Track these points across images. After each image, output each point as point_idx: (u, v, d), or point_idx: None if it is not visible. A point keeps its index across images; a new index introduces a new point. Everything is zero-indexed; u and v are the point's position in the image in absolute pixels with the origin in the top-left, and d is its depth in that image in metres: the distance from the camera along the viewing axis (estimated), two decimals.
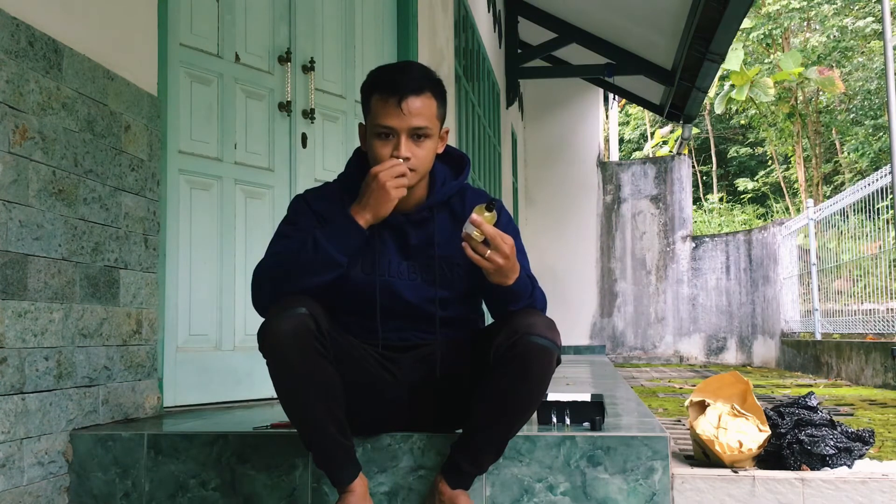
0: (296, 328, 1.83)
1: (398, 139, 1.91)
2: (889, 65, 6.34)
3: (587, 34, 9.38)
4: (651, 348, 11.41)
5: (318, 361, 1.87)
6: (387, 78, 1.94)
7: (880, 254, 7.14)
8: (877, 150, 18.60)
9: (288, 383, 1.88)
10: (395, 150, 1.91)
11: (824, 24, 20.12)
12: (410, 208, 2.02)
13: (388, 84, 1.92)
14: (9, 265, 2.08)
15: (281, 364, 1.86)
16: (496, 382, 1.91)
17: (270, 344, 1.85)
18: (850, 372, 6.83)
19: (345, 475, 1.95)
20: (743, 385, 2.47)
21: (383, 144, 1.92)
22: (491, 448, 2.01)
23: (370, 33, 4.06)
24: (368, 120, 1.97)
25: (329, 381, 1.89)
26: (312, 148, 3.63)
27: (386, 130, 1.92)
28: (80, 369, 2.37)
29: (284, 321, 1.83)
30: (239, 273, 3.29)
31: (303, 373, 1.86)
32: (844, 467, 2.25)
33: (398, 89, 1.90)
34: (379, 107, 1.92)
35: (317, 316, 1.86)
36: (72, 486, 2.31)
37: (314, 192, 2.10)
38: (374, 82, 1.97)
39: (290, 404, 1.92)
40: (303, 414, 1.91)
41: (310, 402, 1.89)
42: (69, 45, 2.34)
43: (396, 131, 1.91)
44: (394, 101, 1.90)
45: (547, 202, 11.57)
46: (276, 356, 1.86)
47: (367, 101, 1.97)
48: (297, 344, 1.83)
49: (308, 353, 1.85)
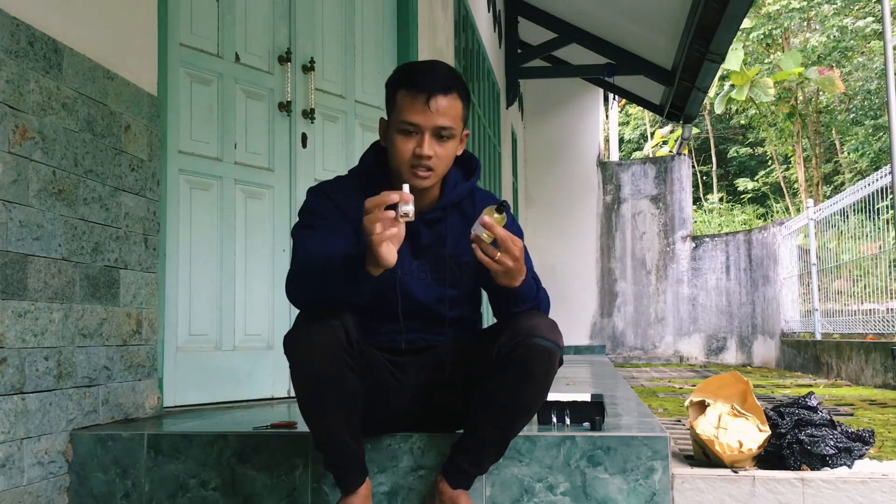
0: (329, 341, 1.81)
1: (422, 137, 1.90)
2: (889, 65, 6.34)
3: (587, 34, 9.38)
4: (651, 348, 11.41)
5: (346, 373, 1.86)
6: (416, 75, 1.93)
7: (880, 254, 7.14)
8: (877, 150, 18.60)
9: (311, 390, 1.87)
10: (418, 148, 1.90)
11: (824, 24, 20.12)
12: (424, 208, 2.00)
13: (417, 81, 1.91)
14: (9, 265, 2.08)
15: (308, 373, 1.85)
16: (498, 383, 1.91)
17: (301, 352, 1.84)
18: (850, 372, 6.83)
19: (353, 480, 1.96)
20: (743, 385, 2.47)
21: (406, 141, 1.92)
22: (492, 448, 2.01)
23: (370, 33, 4.06)
24: (393, 115, 1.95)
25: (352, 390, 1.88)
26: (312, 148, 3.63)
27: (411, 127, 1.91)
28: (80, 369, 2.37)
29: (318, 332, 1.82)
30: (239, 273, 3.29)
31: (328, 382, 1.84)
32: (844, 467, 2.25)
33: (427, 87, 1.89)
34: (406, 103, 1.91)
35: (348, 327, 1.84)
36: (72, 486, 2.31)
37: (330, 185, 2.07)
38: (401, 78, 1.95)
39: (309, 410, 1.91)
40: (321, 420, 1.90)
41: (329, 410, 1.88)
42: (69, 45, 2.34)
43: (421, 129, 1.90)
44: (422, 99, 1.89)
45: (547, 202, 11.57)
46: (305, 365, 1.84)
47: (393, 97, 1.95)
48: (329, 357, 1.82)
49: (337, 366, 1.84)
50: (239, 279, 3.28)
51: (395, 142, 1.93)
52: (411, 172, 1.92)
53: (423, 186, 1.94)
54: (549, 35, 9.48)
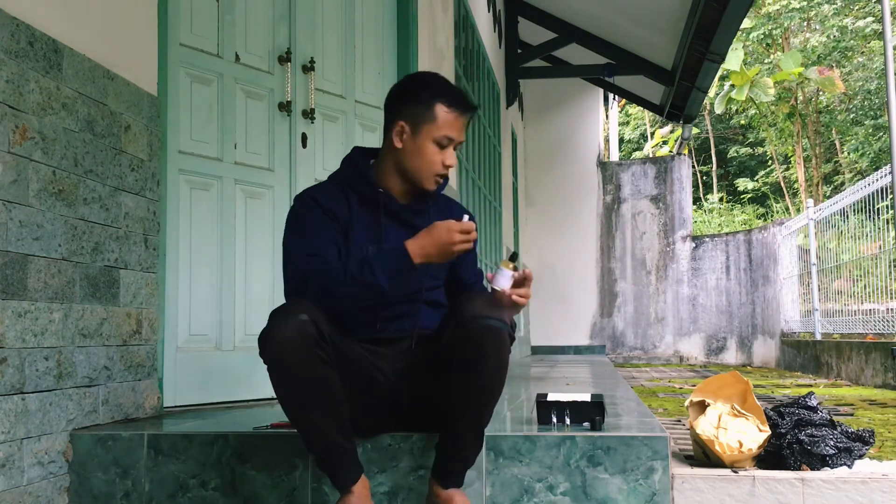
0: (298, 334, 1.84)
1: (449, 149, 2.11)
2: (889, 65, 6.34)
3: (587, 34, 9.38)
4: (651, 348, 11.41)
5: (320, 367, 1.88)
6: (458, 95, 2.13)
7: (880, 254, 7.14)
8: (877, 150, 18.59)
9: (289, 389, 1.90)
10: (446, 159, 2.10)
11: (824, 24, 20.12)
12: (410, 200, 2.17)
13: (461, 102, 2.11)
14: (9, 265, 2.08)
15: (282, 370, 1.87)
16: (455, 372, 1.95)
17: (272, 350, 1.86)
18: (850, 372, 6.83)
19: (347, 478, 1.96)
20: (743, 385, 2.47)
21: (439, 152, 2.10)
22: (469, 440, 2.02)
23: (370, 33, 4.06)
24: (426, 125, 2.08)
25: (331, 385, 1.91)
26: (312, 148, 3.63)
27: (447, 141, 2.09)
28: (80, 369, 2.37)
29: (286, 327, 1.85)
30: (239, 273, 3.29)
31: (304, 378, 1.87)
32: (844, 467, 2.25)
33: (468, 109, 2.12)
34: (449, 119, 2.09)
35: (318, 321, 1.87)
36: (72, 486, 2.31)
37: (318, 190, 2.15)
38: (444, 94, 2.10)
39: (291, 409, 1.93)
40: (304, 418, 1.92)
41: (311, 406, 1.90)
42: (69, 45, 2.34)
43: (455, 143, 2.11)
44: (464, 119, 2.11)
45: (547, 202, 11.57)
46: (278, 363, 1.87)
47: (430, 109, 2.08)
48: (299, 350, 1.85)
49: (310, 360, 1.86)
50: (239, 279, 3.28)
51: (427, 151, 2.09)
52: (434, 179, 2.12)
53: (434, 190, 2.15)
54: (549, 35, 9.48)
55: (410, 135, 2.09)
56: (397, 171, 2.13)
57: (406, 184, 2.14)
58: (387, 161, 2.15)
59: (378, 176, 2.15)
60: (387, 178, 2.14)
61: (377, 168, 2.16)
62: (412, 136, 2.09)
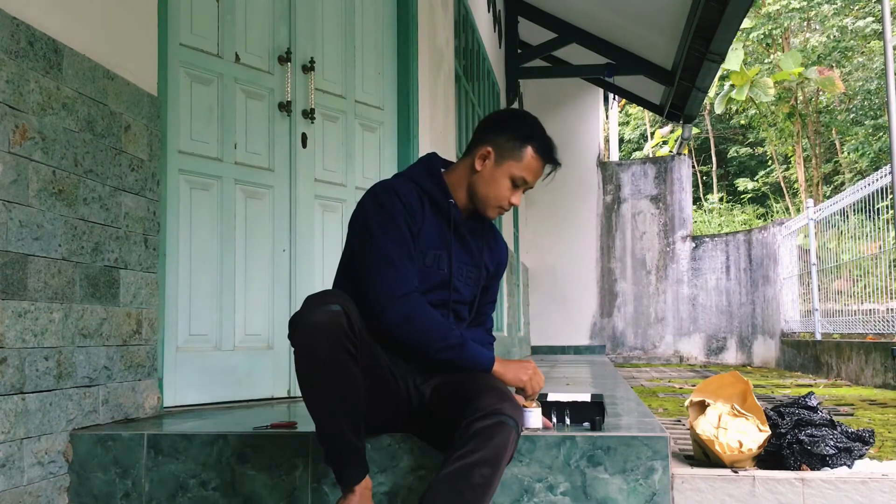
0: (328, 323, 1.86)
1: (520, 190, 2.22)
2: (889, 65, 6.34)
3: (587, 34, 9.38)
4: (651, 348, 11.41)
5: (345, 359, 1.89)
6: (550, 145, 2.21)
7: (880, 254, 7.14)
8: (877, 150, 18.60)
9: (312, 375, 1.90)
10: (512, 197, 2.20)
11: (824, 24, 20.12)
12: (468, 217, 2.26)
13: (550, 152, 2.20)
14: (9, 265, 2.08)
15: (308, 356, 1.89)
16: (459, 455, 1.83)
17: (301, 335, 1.88)
18: (850, 372, 6.83)
19: (351, 476, 1.96)
20: (743, 385, 2.47)
21: (510, 188, 2.19)
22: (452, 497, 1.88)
23: (370, 33, 4.06)
24: (511, 161, 2.17)
25: (352, 380, 1.91)
26: (312, 148, 3.63)
27: (521, 182, 2.19)
28: (80, 369, 2.37)
29: (319, 314, 1.87)
30: (239, 273, 3.29)
31: (329, 367, 1.88)
32: (844, 467, 2.25)
33: (552, 163, 2.23)
34: (533, 163, 2.18)
35: (350, 314, 1.89)
36: (72, 486, 2.31)
37: (398, 184, 2.18)
38: (537, 138, 2.18)
39: (311, 396, 1.93)
40: (321, 408, 1.93)
41: (329, 397, 1.90)
42: (69, 45, 2.34)
43: (527, 187, 2.22)
44: (545, 168, 2.22)
45: (547, 202, 11.57)
46: (305, 347, 1.88)
47: (520, 146, 2.16)
48: (327, 338, 1.86)
49: (336, 350, 1.87)
50: (239, 279, 3.28)
51: (501, 183, 2.18)
52: (496, 210, 2.22)
53: (490, 218, 2.27)
54: (549, 35, 9.48)
55: (493, 163, 2.17)
56: (467, 188, 2.21)
57: (470, 202, 2.22)
58: (460, 176, 2.22)
59: (448, 186, 2.22)
60: (455, 191, 2.22)
61: (448, 178, 2.23)
62: (494, 164, 2.17)
